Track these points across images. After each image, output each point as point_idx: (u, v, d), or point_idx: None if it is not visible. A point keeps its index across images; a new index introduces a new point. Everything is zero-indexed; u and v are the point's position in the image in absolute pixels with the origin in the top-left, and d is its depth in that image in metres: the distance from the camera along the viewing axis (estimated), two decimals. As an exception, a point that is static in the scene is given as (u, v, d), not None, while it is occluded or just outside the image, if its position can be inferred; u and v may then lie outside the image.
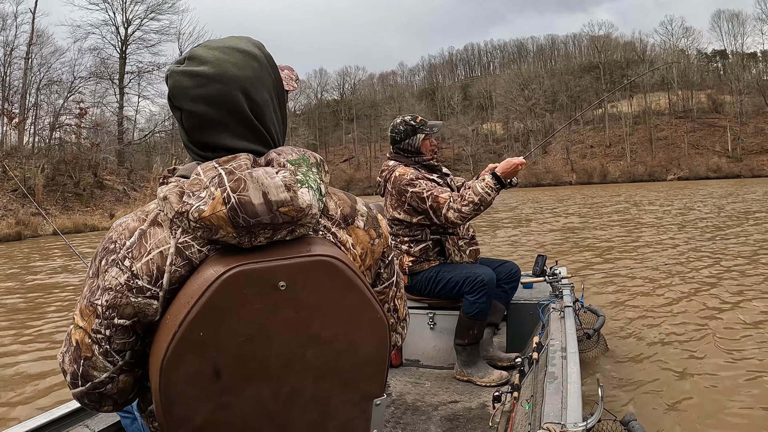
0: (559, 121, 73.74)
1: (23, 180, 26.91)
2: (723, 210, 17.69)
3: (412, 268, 3.46)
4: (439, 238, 3.47)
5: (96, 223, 26.73)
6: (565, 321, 3.10)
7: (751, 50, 71.05)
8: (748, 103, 66.53)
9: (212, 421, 1.17)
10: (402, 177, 3.37)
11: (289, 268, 1.13)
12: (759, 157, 61.35)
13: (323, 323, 1.19)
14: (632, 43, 79.96)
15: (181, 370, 1.11)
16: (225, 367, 1.14)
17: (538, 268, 3.86)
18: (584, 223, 16.00)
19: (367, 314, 1.23)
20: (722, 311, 5.49)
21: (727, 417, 3.30)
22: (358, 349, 1.23)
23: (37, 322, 6.95)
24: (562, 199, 31.52)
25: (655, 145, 68.50)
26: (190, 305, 1.09)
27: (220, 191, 1.09)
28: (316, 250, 1.17)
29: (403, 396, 3.27)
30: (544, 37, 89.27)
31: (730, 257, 8.53)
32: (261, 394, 1.18)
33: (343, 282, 1.18)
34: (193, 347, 1.11)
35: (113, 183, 33.63)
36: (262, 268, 1.12)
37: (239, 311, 1.12)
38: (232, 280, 1.10)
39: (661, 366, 4.14)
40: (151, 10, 44.39)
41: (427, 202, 3.29)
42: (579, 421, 1.79)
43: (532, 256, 10.03)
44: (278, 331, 1.16)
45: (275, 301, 1.13)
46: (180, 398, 1.13)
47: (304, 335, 1.18)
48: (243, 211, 1.08)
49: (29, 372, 4.98)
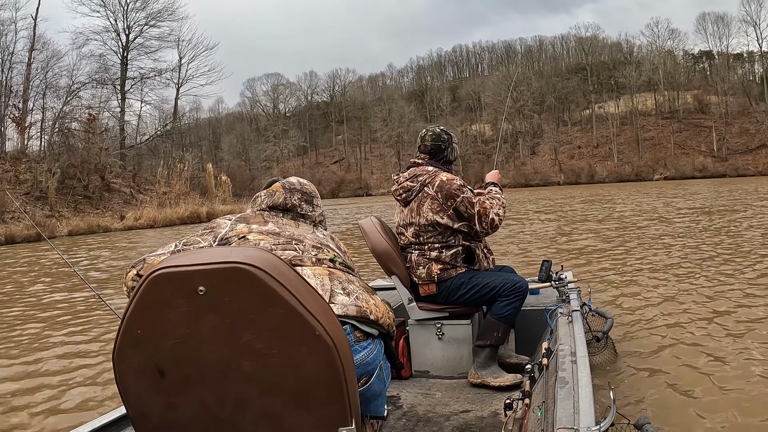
0: (546, 123, 74.14)
1: (35, 183, 27.88)
2: (724, 207, 17.69)
3: (441, 275, 3.46)
4: (468, 245, 3.52)
5: (108, 224, 27.25)
6: (574, 325, 3.08)
7: (737, 51, 71.69)
8: (733, 104, 67.20)
9: (165, 420, 1.24)
10: (452, 182, 3.44)
11: (207, 273, 1.17)
12: (744, 156, 61.97)
13: (255, 333, 1.20)
14: (619, 44, 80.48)
15: (128, 364, 1.22)
16: (166, 367, 1.21)
17: (544, 274, 3.85)
18: (581, 225, 16.02)
19: (301, 330, 1.20)
20: (734, 310, 5.42)
21: (745, 418, 3.26)
22: (301, 367, 1.22)
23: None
24: (553, 199, 31.59)
25: (642, 146, 68.97)
26: (128, 302, 1.20)
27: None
28: (236, 256, 1.19)
29: (414, 408, 3.24)
30: (531, 38, 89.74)
31: (740, 255, 8.49)
32: (205, 399, 1.23)
33: (265, 292, 1.18)
34: (134, 343, 1.21)
35: (120, 186, 34.58)
36: (182, 272, 1.17)
37: (166, 312, 1.18)
38: (156, 281, 1.17)
39: (672, 367, 4.10)
40: (151, 17, 45.39)
41: (475, 207, 3.43)
42: (592, 425, 1.76)
43: (524, 259, 10.05)
44: (208, 336, 1.20)
45: (199, 305, 1.18)
46: (133, 391, 1.24)
47: (236, 343, 1.20)
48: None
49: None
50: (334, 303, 1.71)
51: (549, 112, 75.50)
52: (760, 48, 68.68)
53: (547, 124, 74.74)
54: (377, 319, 1.78)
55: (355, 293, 1.78)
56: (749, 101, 66.27)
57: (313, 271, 1.78)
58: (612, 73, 75.32)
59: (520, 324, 3.77)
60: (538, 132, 74.48)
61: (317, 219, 2.24)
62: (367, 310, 1.76)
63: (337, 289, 1.76)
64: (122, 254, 15.81)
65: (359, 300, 1.76)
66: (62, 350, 5.92)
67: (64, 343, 6.18)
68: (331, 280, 1.78)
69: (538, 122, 74.33)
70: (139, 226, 27.62)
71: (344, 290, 1.77)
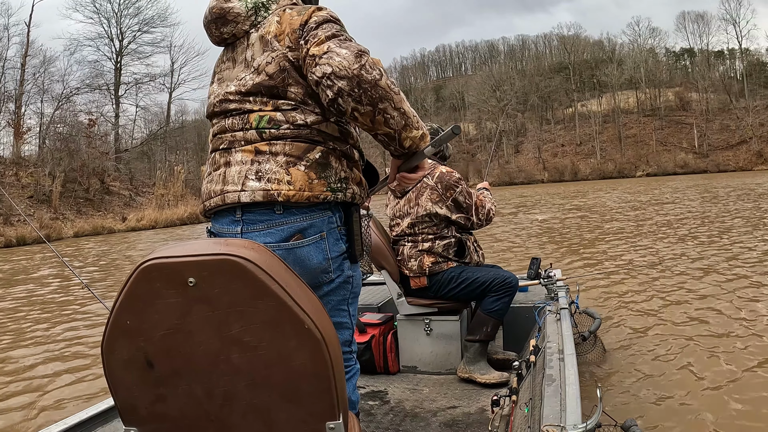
0: (530, 121, 74.46)
1: (38, 187, 28.63)
2: (712, 204, 17.85)
3: (432, 268, 3.52)
4: (460, 237, 3.61)
5: (111, 225, 28.24)
6: (562, 323, 3.10)
7: (717, 49, 72.45)
8: (714, 101, 67.84)
9: (154, 412, 1.25)
10: (451, 174, 3.58)
11: (197, 265, 1.17)
12: (724, 152, 62.58)
13: (244, 326, 1.20)
14: (601, 42, 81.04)
15: (117, 355, 1.22)
16: (155, 358, 1.21)
17: (533, 271, 3.88)
18: (571, 223, 16.11)
19: (290, 323, 1.20)
20: (721, 309, 5.45)
21: (730, 419, 3.27)
22: (290, 360, 1.22)
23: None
24: (539, 197, 31.76)
25: (624, 143, 69.46)
26: (118, 292, 1.20)
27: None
28: (226, 249, 1.19)
29: (402, 403, 3.25)
30: (515, 38, 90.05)
31: (725, 253, 8.55)
32: (194, 391, 1.23)
33: (255, 284, 1.18)
34: (123, 334, 1.21)
35: (118, 189, 35.39)
36: (172, 263, 1.17)
37: (155, 303, 1.19)
38: (146, 271, 1.18)
39: (660, 367, 4.13)
40: (144, 23, 46.02)
41: (473, 197, 3.58)
42: (578, 423, 1.77)
43: (509, 257, 10.10)
44: (197, 328, 1.20)
45: (189, 297, 1.18)
46: (121, 382, 1.24)
47: (225, 336, 1.20)
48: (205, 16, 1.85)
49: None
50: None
51: (532, 110, 75.83)
52: (740, 45, 69.60)
53: (530, 123, 75.06)
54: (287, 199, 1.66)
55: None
56: (729, 98, 66.91)
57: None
58: (594, 72, 75.80)
59: (509, 321, 3.79)
60: (522, 131, 74.78)
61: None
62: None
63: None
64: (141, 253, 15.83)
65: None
66: (54, 345, 5.98)
67: (54, 337, 6.27)
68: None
69: (521, 121, 74.63)
70: (141, 227, 28.48)
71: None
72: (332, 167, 1.73)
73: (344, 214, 1.80)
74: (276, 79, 1.70)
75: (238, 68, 1.79)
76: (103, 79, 43.29)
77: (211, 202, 1.75)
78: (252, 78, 1.73)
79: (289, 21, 1.71)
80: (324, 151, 1.73)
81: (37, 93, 37.67)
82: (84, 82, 41.06)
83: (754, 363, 4.07)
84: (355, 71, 1.52)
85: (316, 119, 1.72)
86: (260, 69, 1.72)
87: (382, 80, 1.56)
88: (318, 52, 1.58)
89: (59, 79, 39.31)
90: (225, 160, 1.75)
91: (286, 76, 1.69)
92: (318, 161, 1.71)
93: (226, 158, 1.75)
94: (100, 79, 43.03)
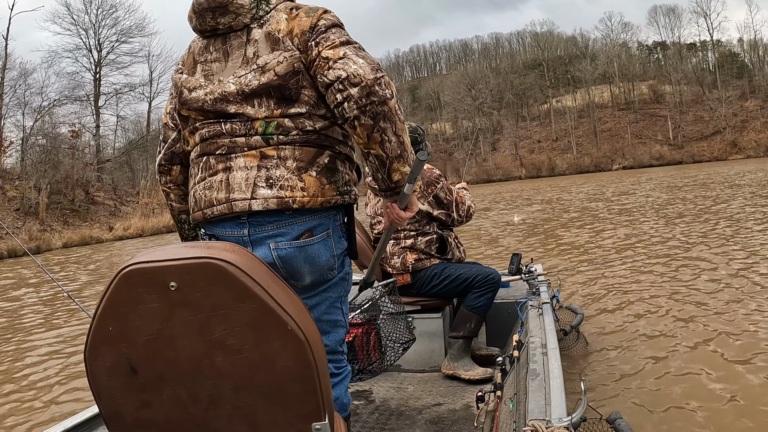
0: (506, 119, 74.79)
1: (23, 199, 28.49)
2: (684, 196, 17.99)
3: (415, 265, 3.53)
4: (441, 233, 3.62)
5: (99, 235, 28.22)
6: (544, 318, 3.12)
7: (689, 41, 73.35)
8: (687, 93, 68.70)
9: (139, 418, 1.24)
10: (432, 171, 3.61)
11: (178, 269, 1.17)
12: (699, 143, 63.41)
13: (227, 329, 1.20)
14: (574, 38, 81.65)
15: (100, 362, 1.21)
16: (138, 364, 1.20)
17: (514, 267, 3.90)
18: (549, 218, 16.20)
19: (273, 325, 1.20)
20: (701, 303, 5.45)
21: (711, 411, 3.28)
22: (274, 362, 1.22)
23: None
24: (518, 194, 31.92)
25: (600, 137, 70.02)
26: (99, 299, 1.19)
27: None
28: (207, 252, 1.19)
29: (387, 402, 3.25)
30: (488, 36, 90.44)
31: (702, 245, 8.60)
32: (179, 396, 1.22)
33: (237, 287, 1.18)
34: (106, 340, 1.20)
35: (103, 199, 35.21)
36: (153, 267, 1.17)
37: (137, 308, 1.18)
38: (128, 277, 1.17)
39: (643, 360, 4.15)
40: (122, 34, 45.69)
41: (453, 194, 3.60)
42: (564, 417, 1.79)
43: (490, 253, 10.14)
44: (180, 332, 1.19)
45: (171, 301, 1.17)
46: (105, 389, 1.23)
47: (208, 339, 1.20)
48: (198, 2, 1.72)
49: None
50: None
51: (508, 108, 76.18)
52: (711, 37, 70.58)
53: (506, 120, 75.39)
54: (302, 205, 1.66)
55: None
56: (702, 90, 67.80)
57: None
58: (568, 68, 76.37)
59: (491, 316, 3.80)
60: (498, 128, 75.10)
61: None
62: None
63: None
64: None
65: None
66: (38, 354, 5.94)
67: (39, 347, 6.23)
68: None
69: (497, 119, 74.94)
70: (128, 236, 28.48)
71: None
72: (339, 171, 1.74)
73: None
74: (288, 81, 1.65)
75: (233, 64, 1.72)
76: (83, 89, 43.18)
77: (214, 210, 1.70)
78: (257, 77, 1.67)
79: (298, 22, 1.68)
80: (331, 155, 1.72)
81: (17, 105, 37.41)
82: (63, 94, 40.93)
83: (734, 352, 4.11)
84: (369, 82, 1.53)
85: (324, 125, 1.71)
86: (267, 68, 1.66)
87: (392, 101, 1.57)
88: (333, 55, 1.57)
89: (38, 92, 39.11)
90: (224, 165, 1.70)
91: (300, 78, 1.66)
92: (327, 166, 1.71)
93: (226, 163, 1.70)
94: (80, 90, 42.93)
